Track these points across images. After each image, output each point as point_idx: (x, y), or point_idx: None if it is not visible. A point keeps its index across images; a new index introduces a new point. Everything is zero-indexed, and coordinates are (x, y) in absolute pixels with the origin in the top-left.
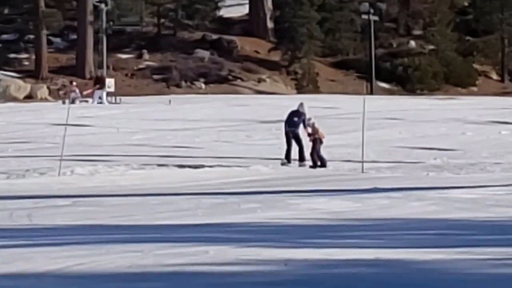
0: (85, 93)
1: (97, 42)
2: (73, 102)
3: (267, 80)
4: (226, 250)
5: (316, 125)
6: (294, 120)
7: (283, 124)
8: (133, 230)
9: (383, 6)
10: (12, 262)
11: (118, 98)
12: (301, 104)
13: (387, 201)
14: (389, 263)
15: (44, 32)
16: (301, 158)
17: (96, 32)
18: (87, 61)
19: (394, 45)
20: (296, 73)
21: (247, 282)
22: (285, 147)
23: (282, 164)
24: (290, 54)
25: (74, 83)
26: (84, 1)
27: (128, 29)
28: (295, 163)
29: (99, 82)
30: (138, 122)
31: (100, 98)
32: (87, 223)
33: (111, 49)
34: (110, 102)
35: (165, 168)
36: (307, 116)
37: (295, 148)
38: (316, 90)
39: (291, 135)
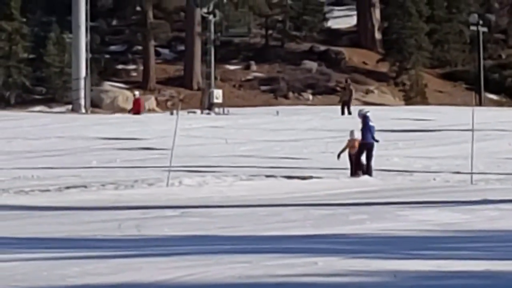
0: None
1: (204, 53)
2: None
3: (375, 91)
4: (335, 261)
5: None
6: (373, 131)
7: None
8: (242, 241)
9: (492, 17)
10: (121, 272)
11: (226, 109)
12: (362, 111)
13: (497, 213)
14: (500, 275)
15: (152, 43)
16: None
17: (204, 43)
18: (195, 72)
19: (503, 56)
20: (404, 84)
21: None
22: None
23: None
24: (398, 65)
25: None
26: (192, 12)
27: (236, 40)
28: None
29: None
30: (246, 133)
31: None
32: (196, 234)
33: (219, 60)
34: (217, 113)
35: (273, 179)
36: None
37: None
38: (424, 101)
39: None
